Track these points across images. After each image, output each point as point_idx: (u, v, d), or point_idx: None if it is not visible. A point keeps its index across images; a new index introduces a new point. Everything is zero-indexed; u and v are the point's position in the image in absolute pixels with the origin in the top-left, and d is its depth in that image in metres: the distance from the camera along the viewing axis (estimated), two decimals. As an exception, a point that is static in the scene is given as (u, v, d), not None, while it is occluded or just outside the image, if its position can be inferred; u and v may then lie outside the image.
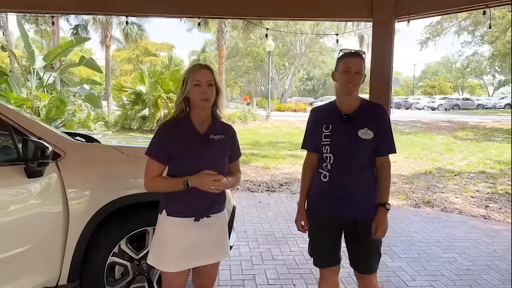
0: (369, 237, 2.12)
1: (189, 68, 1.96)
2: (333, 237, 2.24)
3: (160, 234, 1.96)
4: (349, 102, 2.16)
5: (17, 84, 10.91)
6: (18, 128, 2.33)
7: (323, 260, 2.28)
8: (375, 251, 2.20)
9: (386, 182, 2.15)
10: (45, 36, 27.43)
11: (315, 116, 2.28)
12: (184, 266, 1.97)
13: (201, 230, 1.97)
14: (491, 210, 5.79)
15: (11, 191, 2.29)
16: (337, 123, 2.15)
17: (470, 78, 56.00)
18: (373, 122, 2.11)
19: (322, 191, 2.21)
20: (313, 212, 2.26)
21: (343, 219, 2.16)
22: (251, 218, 5.10)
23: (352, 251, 2.24)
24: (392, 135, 2.17)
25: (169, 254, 1.93)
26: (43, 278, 2.42)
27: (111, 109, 20.23)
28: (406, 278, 3.48)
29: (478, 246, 4.25)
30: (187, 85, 1.90)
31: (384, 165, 2.16)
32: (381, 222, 2.09)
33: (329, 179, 2.16)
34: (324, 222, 2.22)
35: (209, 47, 42.43)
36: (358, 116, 2.12)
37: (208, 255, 2.02)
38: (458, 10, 4.87)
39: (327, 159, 2.16)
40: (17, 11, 5.40)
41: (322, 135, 2.16)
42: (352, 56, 2.11)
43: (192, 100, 1.92)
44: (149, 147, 1.92)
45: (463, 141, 14.04)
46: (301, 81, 54.58)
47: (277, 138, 14.75)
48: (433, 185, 7.37)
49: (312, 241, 2.30)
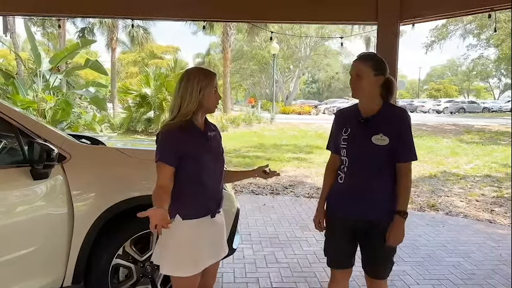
0: (381, 243, 2.10)
1: (204, 74, 1.98)
2: (347, 240, 2.23)
3: (177, 240, 1.93)
4: (368, 105, 2.14)
5: (24, 86, 11.02)
6: (24, 131, 2.35)
7: (336, 261, 2.28)
8: (386, 258, 2.18)
9: (403, 190, 2.10)
10: (51, 38, 27.65)
11: (338, 118, 2.30)
12: (202, 266, 1.98)
13: (212, 228, 2.03)
14: (497, 214, 5.75)
15: (17, 193, 2.31)
16: (355, 127, 2.15)
17: (476, 81, 55.70)
18: (391, 127, 2.07)
19: (338, 192, 2.23)
20: (330, 212, 2.28)
21: (357, 222, 2.15)
22: (255, 220, 5.10)
23: (364, 254, 2.23)
24: (413, 141, 2.11)
25: (188, 257, 1.94)
26: (48, 280, 2.44)
27: (116, 111, 20.32)
28: (411, 281, 3.46)
29: (483, 251, 4.23)
30: (205, 91, 1.93)
31: (403, 172, 2.10)
32: (395, 230, 2.06)
33: (344, 182, 2.19)
34: (339, 223, 2.23)
35: (214, 50, 42.55)
36: (376, 120, 2.11)
37: (216, 253, 2.07)
38: (463, 14, 4.87)
39: (344, 162, 2.18)
40: (24, 14, 5.46)
41: (341, 138, 2.18)
42: (355, 60, 2.13)
43: (207, 105, 1.97)
44: (160, 153, 1.90)
45: (468, 145, 13.97)
46: (306, 84, 54.58)
47: (281, 141, 14.75)
48: (438, 189, 7.34)
49: (327, 240, 2.31)
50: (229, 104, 26.35)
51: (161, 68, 20.72)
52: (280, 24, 21.58)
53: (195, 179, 1.95)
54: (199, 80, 1.94)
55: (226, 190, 2.91)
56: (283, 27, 30.30)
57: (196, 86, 1.92)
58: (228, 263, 3.70)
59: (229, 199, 2.97)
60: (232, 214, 2.98)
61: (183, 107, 1.92)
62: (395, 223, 2.07)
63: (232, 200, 3.03)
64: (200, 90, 1.92)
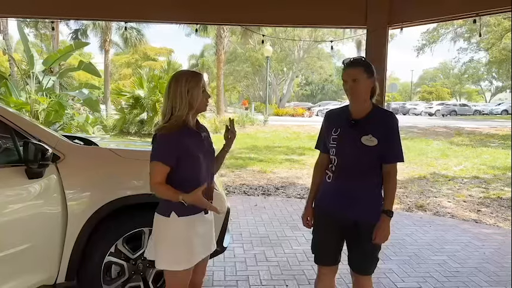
0: (367, 241, 2.19)
1: (194, 76, 2.04)
2: (333, 237, 2.31)
3: (173, 236, 2.01)
4: (359, 107, 2.22)
5: (17, 88, 11.01)
6: (19, 131, 2.42)
7: (322, 258, 2.37)
8: (371, 255, 2.28)
9: (390, 190, 2.19)
10: (44, 40, 27.53)
11: (328, 118, 2.38)
12: (195, 261, 2.06)
13: (204, 224, 2.10)
14: (483, 215, 5.88)
15: (12, 192, 2.37)
16: (345, 128, 2.23)
17: (468, 84, 56.28)
18: (380, 130, 2.16)
19: (326, 191, 2.31)
20: (318, 210, 2.36)
21: (344, 220, 2.24)
22: (246, 220, 5.18)
23: (350, 251, 2.32)
24: (400, 143, 2.20)
25: (183, 252, 2.01)
26: (42, 276, 2.50)
27: (109, 113, 20.29)
28: (396, 279, 3.56)
29: (468, 249, 4.34)
30: (193, 91, 1.99)
31: (390, 173, 2.19)
32: (381, 228, 2.15)
33: (332, 180, 2.27)
34: (326, 221, 2.31)
35: (208, 52, 42.59)
36: (365, 122, 2.19)
37: (207, 248, 2.15)
38: (450, 18, 4.99)
39: (333, 161, 2.26)
40: (18, 16, 5.50)
41: (331, 138, 2.26)
42: (347, 67, 2.20)
43: (198, 106, 2.04)
44: (157, 153, 1.96)
45: (458, 147, 14.15)
46: (299, 86, 54.75)
47: (274, 142, 14.84)
48: (427, 190, 7.46)
49: (314, 238, 2.40)
50: (222, 106, 26.39)
51: (155, 70, 20.76)
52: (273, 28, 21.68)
53: (190, 178, 2.02)
54: (187, 81, 2.00)
55: (217, 190, 2.99)
56: (277, 30, 30.39)
57: (184, 87, 1.99)
58: (219, 262, 3.77)
59: (220, 199, 3.03)
60: (223, 214, 3.05)
61: (175, 110, 1.99)
62: (382, 222, 2.16)
63: (223, 199, 3.10)
64: (188, 90, 1.99)
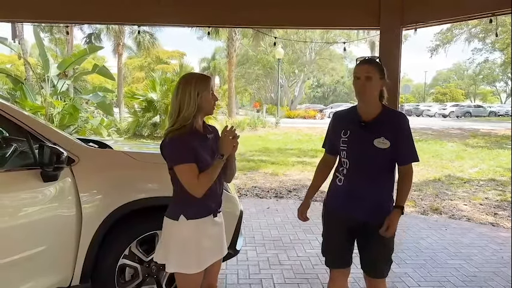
0: (379, 244, 2.16)
1: (201, 78, 2.05)
2: (345, 239, 2.29)
3: (182, 239, 2.01)
4: (368, 109, 2.19)
5: (32, 91, 11.18)
6: (35, 134, 2.44)
7: (334, 261, 2.34)
8: (385, 257, 2.24)
9: (405, 187, 2.18)
10: (59, 44, 27.93)
11: (335, 120, 2.36)
12: (205, 264, 2.06)
13: (214, 227, 2.10)
14: (500, 218, 5.77)
15: (27, 194, 2.40)
16: (355, 130, 2.20)
17: (483, 85, 55.41)
18: (391, 131, 2.13)
19: (337, 194, 2.28)
20: (327, 213, 2.34)
21: (355, 223, 2.21)
22: (259, 223, 5.16)
23: (363, 254, 2.29)
24: (413, 143, 2.18)
25: (192, 255, 2.01)
26: (57, 278, 2.52)
27: (123, 116, 20.48)
28: (412, 283, 3.50)
29: (485, 253, 4.26)
30: (203, 93, 2.00)
31: (407, 174, 2.18)
32: (391, 221, 2.11)
33: (343, 184, 2.24)
34: (337, 224, 2.29)
35: (219, 55, 42.69)
36: (376, 124, 2.16)
37: (217, 251, 2.14)
38: (465, 18, 4.91)
39: (344, 164, 2.24)
40: (33, 21, 5.59)
41: (341, 140, 2.23)
42: (362, 63, 2.17)
43: (205, 107, 2.04)
44: (179, 156, 1.94)
45: (474, 149, 13.94)
46: (310, 88, 54.62)
47: (286, 145, 14.80)
48: (442, 192, 7.35)
49: (325, 241, 2.37)
50: (234, 108, 26.45)
51: (167, 73, 20.91)
52: (285, 30, 21.69)
53: None
54: (197, 83, 2.01)
55: (230, 193, 2.98)
56: (288, 32, 30.36)
57: (194, 89, 1.99)
58: (232, 265, 3.76)
59: (233, 202, 3.03)
60: (236, 216, 3.03)
61: (182, 111, 1.99)
62: (393, 215, 2.12)
63: (236, 202, 3.09)
64: (198, 93, 1.99)
